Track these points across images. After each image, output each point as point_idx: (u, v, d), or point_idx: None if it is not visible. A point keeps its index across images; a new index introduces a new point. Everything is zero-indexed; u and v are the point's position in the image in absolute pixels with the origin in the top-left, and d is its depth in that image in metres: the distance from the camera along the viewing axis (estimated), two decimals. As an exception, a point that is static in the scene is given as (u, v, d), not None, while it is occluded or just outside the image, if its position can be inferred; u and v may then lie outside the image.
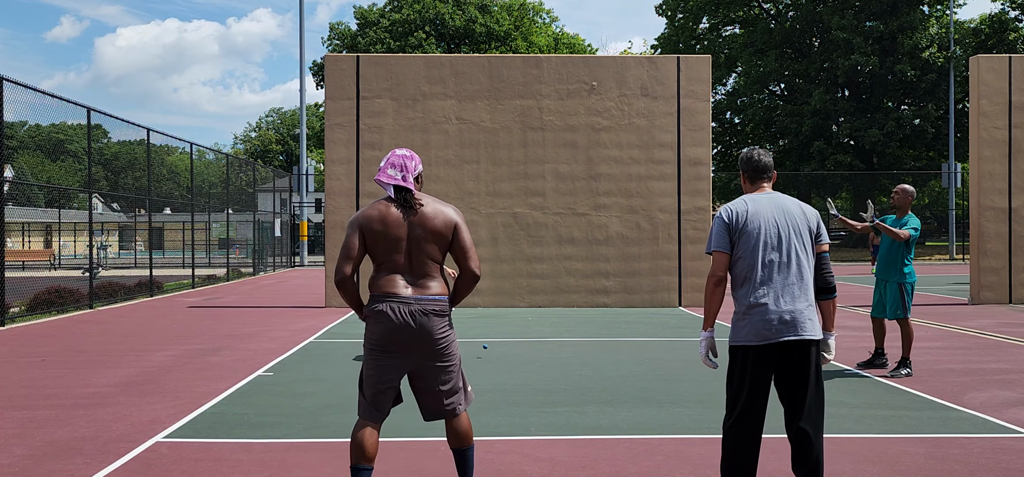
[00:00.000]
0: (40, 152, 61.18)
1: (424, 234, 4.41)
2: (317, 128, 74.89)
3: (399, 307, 4.35)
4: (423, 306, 4.38)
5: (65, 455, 5.85)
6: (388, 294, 4.38)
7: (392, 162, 4.51)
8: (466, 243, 4.46)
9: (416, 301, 4.38)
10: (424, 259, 4.42)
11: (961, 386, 8.34)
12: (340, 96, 17.15)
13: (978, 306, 17.09)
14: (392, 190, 4.46)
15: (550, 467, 5.54)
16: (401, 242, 4.41)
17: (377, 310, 4.37)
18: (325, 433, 6.43)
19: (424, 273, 4.43)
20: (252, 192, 35.41)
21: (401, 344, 4.38)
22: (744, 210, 4.41)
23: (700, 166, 17.30)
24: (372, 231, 4.40)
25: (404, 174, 4.48)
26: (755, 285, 4.32)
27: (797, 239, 4.38)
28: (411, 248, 4.41)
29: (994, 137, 17.61)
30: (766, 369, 4.30)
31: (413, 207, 4.42)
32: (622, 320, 14.54)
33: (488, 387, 8.24)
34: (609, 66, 17.42)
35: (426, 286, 4.42)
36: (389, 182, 4.47)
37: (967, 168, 38.27)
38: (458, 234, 4.45)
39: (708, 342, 4.43)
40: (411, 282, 4.41)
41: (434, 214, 4.42)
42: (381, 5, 57.42)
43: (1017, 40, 46.56)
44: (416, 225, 4.40)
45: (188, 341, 11.83)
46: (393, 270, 4.42)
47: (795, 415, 4.32)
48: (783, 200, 4.49)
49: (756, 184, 4.62)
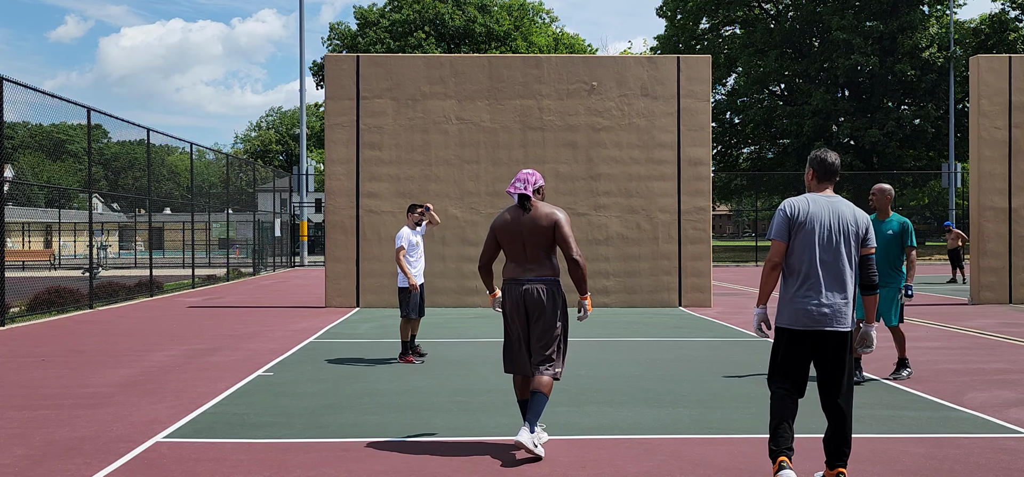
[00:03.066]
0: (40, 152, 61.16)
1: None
2: (317, 128, 74.89)
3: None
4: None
5: (65, 455, 5.85)
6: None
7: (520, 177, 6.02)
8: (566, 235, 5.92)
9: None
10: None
11: (961, 386, 8.34)
12: (340, 96, 17.15)
13: (978, 306, 17.09)
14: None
15: (550, 467, 5.54)
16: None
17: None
18: (325, 433, 6.43)
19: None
20: (252, 192, 35.41)
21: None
22: (806, 209, 4.95)
23: (700, 166, 17.29)
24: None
25: (525, 185, 5.97)
26: (802, 278, 4.91)
27: (845, 243, 4.92)
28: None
29: (994, 137, 17.61)
30: (800, 349, 4.94)
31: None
32: (622, 320, 14.54)
33: (488, 387, 8.24)
34: (609, 66, 17.42)
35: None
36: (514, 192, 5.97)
37: (967, 168, 38.24)
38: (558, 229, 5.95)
39: (760, 316, 5.08)
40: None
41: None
42: (381, 5, 57.41)
43: (1017, 40, 46.56)
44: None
45: (188, 341, 11.82)
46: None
47: (832, 393, 4.93)
48: (839, 204, 4.99)
49: (822, 184, 5.07)
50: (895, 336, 8.84)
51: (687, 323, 14.15)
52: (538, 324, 5.91)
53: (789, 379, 4.96)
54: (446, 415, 7.01)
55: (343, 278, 17.04)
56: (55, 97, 15.99)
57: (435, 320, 14.17)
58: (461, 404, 7.44)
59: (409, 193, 16.96)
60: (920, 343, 11.50)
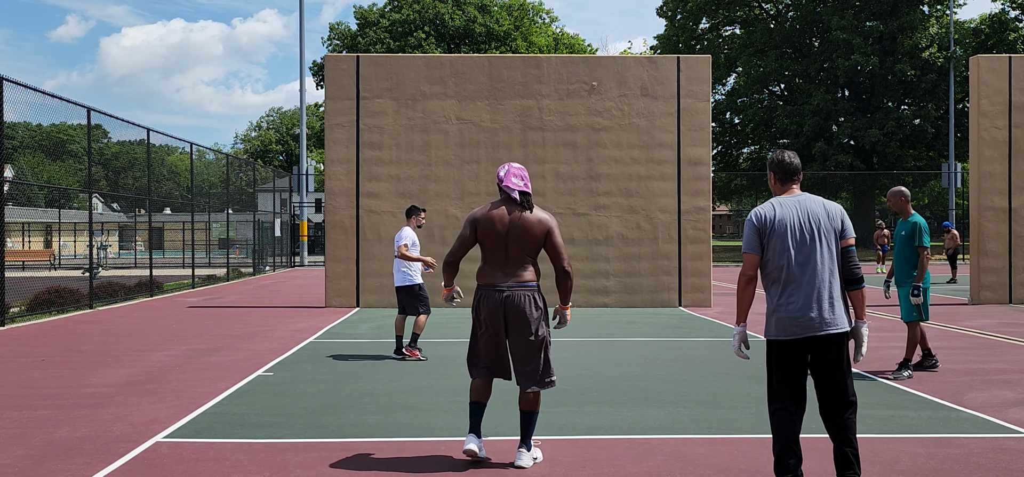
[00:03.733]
0: (41, 152, 61.15)
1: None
2: (317, 128, 74.89)
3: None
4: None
5: (65, 455, 5.85)
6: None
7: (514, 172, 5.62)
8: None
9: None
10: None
11: (961, 386, 8.33)
12: (340, 96, 17.15)
13: (978, 306, 17.08)
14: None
15: (550, 467, 5.54)
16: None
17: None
18: (325, 433, 6.43)
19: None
20: (252, 192, 35.41)
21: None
22: (772, 214, 4.74)
23: (700, 166, 17.29)
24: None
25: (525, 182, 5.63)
26: (784, 284, 4.68)
27: (822, 238, 4.69)
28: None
29: (994, 137, 17.61)
30: (795, 360, 4.69)
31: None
32: (622, 320, 14.54)
33: (488, 387, 8.24)
34: (609, 66, 17.42)
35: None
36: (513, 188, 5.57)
37: (967, 168, 38.24)
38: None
39: (740, 336, 4.82)
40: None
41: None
42: (381, 5, 57.42)
43: (1017, 40, 46.56)
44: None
45: (188, 341, 11.82)
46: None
47: (831, 403, 4.69)
48: (808, 201, 4.77)
49: (786, 186, 4.88)
50: (911, 333, 8.91)
51: (687, 323, 14.15)
52: (519, 335, 5.50)
53: (787, 395, 4.70)
54: (446, 415, 7.01)
55: (343, 278, 17.04)
56: (55, 97, 16.00)
57: (435, 320, 14.16)
58: (461, 404, 7.44)
59: (409, 193, 16.96)
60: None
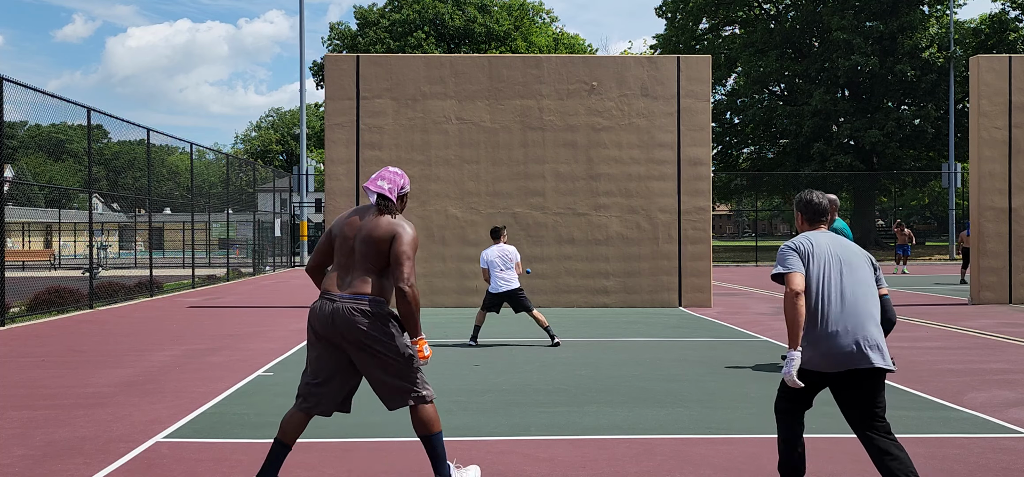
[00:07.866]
0: (41, 152, 61.18)
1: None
2: (317, 128, 74.90)
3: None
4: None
5: (65, 455, 5.85)
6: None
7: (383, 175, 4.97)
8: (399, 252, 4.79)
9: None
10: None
11: (961, 386, 8.33)
12: (340, 96, 17.15)
13: (978, 306, 17.08)
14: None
15: (550, 467, 5.54)
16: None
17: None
18: (325, 433, 6.42)
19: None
20: (252, 192, 35.41)
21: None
22: (809, 245, 4.62)
23: (700, 166, 17.29)
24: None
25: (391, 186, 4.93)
26: (822, 315, 4.47)
27: (859, 272, 4.59)
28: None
29: (994, 137, 17.61)
30: (822, 386, 4.57)
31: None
32: (622, 320, 14.54)
33: (488, 387, 8.24)
34: (609, 66, 17.42)
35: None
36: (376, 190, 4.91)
37: (967, 168, 38.25)
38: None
39: (797, 363, 4.46)
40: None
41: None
42: (381, 5, 57.43)
43: (1017, 40, 46.56)
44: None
45: (188, 341, 11.82)
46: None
47: (876, 432, 4.45)
48: (839, 239, 4.74)
49: (814, 225, 4.82)
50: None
51: (687, 323, 14.14)
52: (365, 353, 4.74)
53: (800, 401, 4.67)
54: (446, 415, 7.01)
55: (343, 278, 17.01)
56: (55, 97, 15.99)
57: (435, 320, 14.16)
58: (461, 404, 7.44)
59: (409, 193, 16.94)
60: (920, 343, 11.50)
